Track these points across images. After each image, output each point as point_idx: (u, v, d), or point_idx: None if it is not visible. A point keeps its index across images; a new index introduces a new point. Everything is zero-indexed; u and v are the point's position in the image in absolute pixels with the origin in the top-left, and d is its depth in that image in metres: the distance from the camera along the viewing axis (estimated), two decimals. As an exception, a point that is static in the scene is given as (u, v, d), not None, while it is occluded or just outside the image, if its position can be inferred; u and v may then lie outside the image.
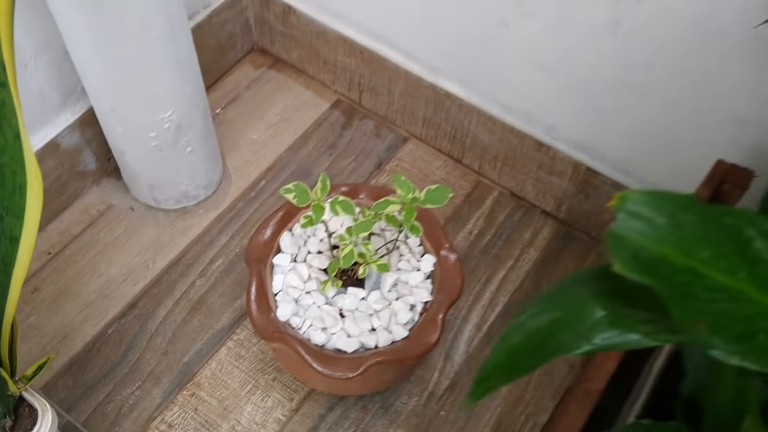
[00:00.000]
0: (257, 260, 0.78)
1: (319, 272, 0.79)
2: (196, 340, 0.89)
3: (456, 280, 0.78)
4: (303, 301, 0.77)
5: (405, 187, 0.71)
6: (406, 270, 0.80)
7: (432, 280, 0.80)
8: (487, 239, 0.98)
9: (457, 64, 0.94)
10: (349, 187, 0.84)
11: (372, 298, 0.78)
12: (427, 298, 0.78)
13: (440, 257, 0.80)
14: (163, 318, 0.91)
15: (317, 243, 0.82)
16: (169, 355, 0.88)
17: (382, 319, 0.76)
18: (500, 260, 0.97)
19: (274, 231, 0.81)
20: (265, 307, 0.76)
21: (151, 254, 0.96)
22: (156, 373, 0.87)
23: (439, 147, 1.05)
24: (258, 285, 0.77)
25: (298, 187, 0.72)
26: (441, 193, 0.70)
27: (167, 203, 0.97)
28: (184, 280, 0.94)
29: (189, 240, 0.97)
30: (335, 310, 0.77)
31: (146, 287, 0.93)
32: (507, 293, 0.94)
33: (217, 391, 0.86)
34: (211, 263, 0.95)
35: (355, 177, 1.03)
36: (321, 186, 0.72)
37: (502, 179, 1.02)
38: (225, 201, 1.00)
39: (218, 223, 0.98)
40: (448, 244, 0.80)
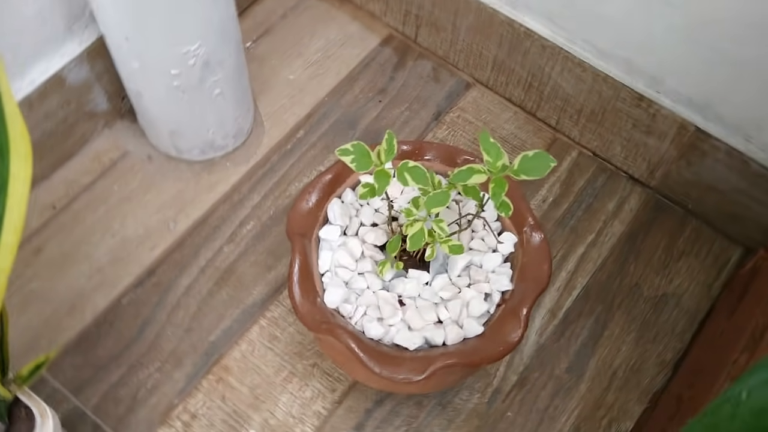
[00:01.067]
0: (301, 233, 0.65)
1: (373, 249, 0.65)
2: (224, 317, 0.76)
3: (542, 265, 0.64)
4: (355, 285, 0.64)
5: (494, 151, 0.56)
6: (480, 251, 0.66)
7: (512, 264, 0.66)
8: (564, 209, 0.84)
9: (542, -3, 0.77)
10: (412, 146, 0.69)
11: (438, 283, 0.64)
12: (506, 286, 0.64)
13: (522, 236, 0.66)
14: (186, 289, 0.78)
15: (371, 213, 0.67)
16: (192, 332, 0.76)
17: (451, 311, 0.63)
18: (579, 234, 0.83)
19: (321, 197, 0.67)
20: (311, 291, 0.62)
21: (171, 213, 0.82)
22: (178, 353, 0.74)
23: (510, 96, 0.89)
24: (302, 264, 0.63)
25: (357, 149, 0.57)
26: (540, 162, 0.56)
27: (190, 153, 0.83)
28: (210, 245, 0.80)
29: (216, 198, 0.83)
30: (393, 297, 0.63)
31: (166, 251, 0.80)
32: (586, 274, 0.80)
33: (248, 377, 0.73)
34: (241, 226, 0.81)
35: (408, 130, 0.88)
36: (386, 147, 0.58)
37: (584, 138, 0.86)
38: (257, 153, 0.86)
39: (249, 180, 0.84)
40: (533, 219, 0.66)
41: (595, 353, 0.76)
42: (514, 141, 0.88)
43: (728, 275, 0.80)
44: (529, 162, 0.56)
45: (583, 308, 0.78)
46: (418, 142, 0.70)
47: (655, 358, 0.76)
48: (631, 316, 0.78)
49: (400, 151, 0.69)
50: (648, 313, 0.78)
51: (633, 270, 0.81)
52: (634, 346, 0.76)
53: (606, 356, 0.76)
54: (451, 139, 0.87)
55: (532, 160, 0.56)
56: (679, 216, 0.84)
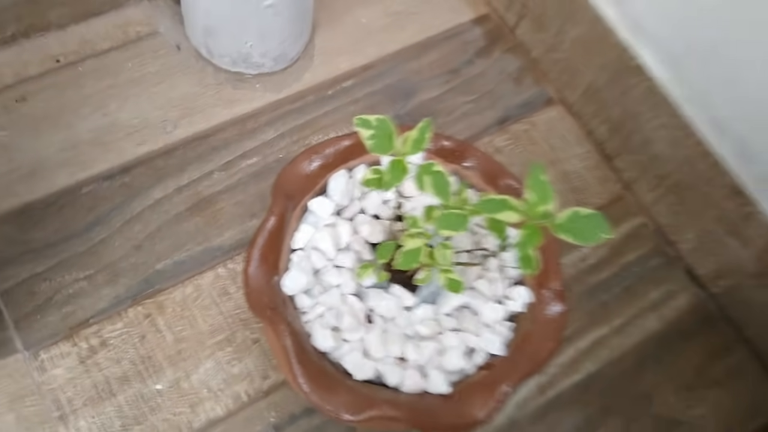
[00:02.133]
0: (288, 194, 0.53)
1: (362, 245, 0.54)
2: (181, 248, 0.66)
3: (547, 343, 0.52)
4: (325, 277, 0.53)
5: (541, 192, 0.44)
6: (482, 295, 0.54)
7: (515, 326, 0.54)
8: (602, 278, 0.71)
9: (677, 33, 0.64)
10: (455, 145, 0.57)
11: (420, 313, 0.53)
12: (497, 350, 0.52)
13: (539, 298, 0.53)
14: (155, 202, 0.68)
15: (378, 203, 0.56)
16: (141, 252, 0.65)
17: (421, 351, 0.51)
18: (607, 313, 0.70)
19: (328, 162, 0.55)
20: (271, 264, 0.51)
21: (175, 114, 0.72)
22: (116, 268, 0.65)
23: (591, 130, 0.76)
24: (274, 229, 0.52)
25: (381, 126, 0.45)
26: (592, 227, 0.43)
27: (222, 60, 0.72)
28: (200, 165, 0.70)
29: (228, 116, 0.72)
30: (363, 309, 0.52)
31: (152, 154, 0.69)
32: (597, 361, 0.68)
33: (179, 325, 0.63)
34: (242, 158, 0.71)
35: (465, 124, 0.76)
36: (416, 136, 0.46)
37: (655, 208, 0.73)
38: (292, 86, 0.75)
39: (272, 111, 0.73)
40: (559, 285, 0.54)
41: (570, 454, 0.64)
42: (576, 182, 0.75)
43: (762, 428, 0.67)
44: (579, 222, 0.43)
45: (578, 398, 0.66)
46: (464, 144, 0.58)
47: None
48: (627, 430, 0.66)
49: (438, 145, 0.57)
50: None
51: (651, 378, 0.68)
52: (616, 464, 0.64)
53: (581, 462, 0.64)
54: (507, 153, 0.75)
55: (583, 221, 0.43)
56: (729, 338, 0.70)
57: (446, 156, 0.57)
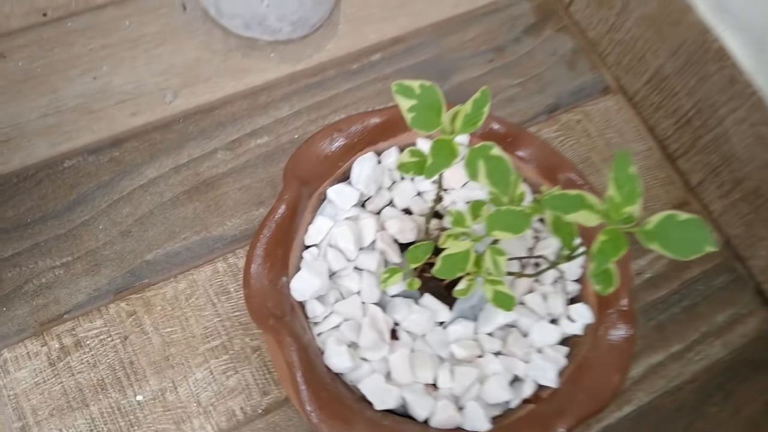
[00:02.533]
0: (303, 179, 0.44)
1: (390, 244, 0.45)
2: (176, 236, 0.57)
3: (611, 375, 0.42)
4: (343, 281, 0.43)
5: (628, 187, 0.34)
6: (533, 312, 0.44)
7: (570, 352, 0.44)
8: (661, 295, 0.61)
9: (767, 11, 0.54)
10: (507, 129, 0.48)
11: (457, 330, 0.43)
12: (549, 381, 0.42)
13: (602, 319, 0.44)
14: (149, 182, 0.58)
15: (411, 194, 0.46)
16: (129, 239, 0.56)
17: (457, 378, 0.42)
18: (664, 336, 0.60)
19: (353, 143, 0.46)
20: (279, 262, 0.42)
21: (176, 82, 0.62)
22: (99, 256, 0.55)
23: (654, 125, 0.66)
24: (284, 220, 0.42)
25: (426, 94, 0.36)
26: (693, 236, 0.33)
27: (232, 22, 0.63)
28: (202, 142, 0.60)
29: (238, 88, 0.63)
30: (387, 322, 0.43)
31: (147, 126, 0.60)
32: (651, 391, 0.58)
33: (168, 326, 0.54)
34: (251, 137, 0.61)
35: (509, 110, 0.66)
36: (471, 111, 0.36)
37: (725, 218, 0.63)
38: (313, 57, 0.65)
39: (288, 84, 0.64)
40: (628, 304, 0.44)
41: (618, 500, 0.54)
42: (634, 183, 0.65)
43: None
44: (675, 230, 0.34)
45: None
46: (518, 128, 0.48)
47: None
48: (685, 474, 0.56)
49: (487, 128, 0.47)
50: (709, 480, 0.56)
51: (714, 414, 0.58)
52: None
53: None
54: (557, 147, 0.65)
55: (680, 228, 0.34)
56: (805, 373, 0.61)
57: (497, 141, 0.47)
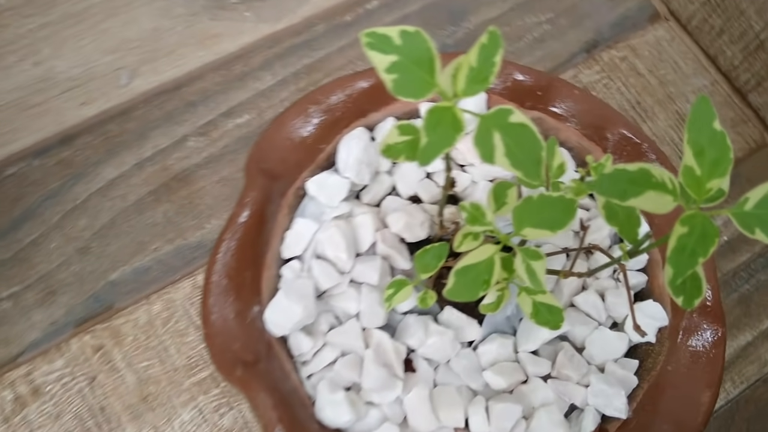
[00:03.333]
0: (271, 173, 0.33)
1: (397, 246, 0.34)
2: (145, 248, 0.47)
3: (701, 393, 0.32)
4: (336, 302, 0.33)
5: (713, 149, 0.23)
6: (588, 317, 0.33)
7: (641, 365, 0.33)
8: (742, 261, 0.50)
9: None
10: (536, 79, 0.36)
11: (491, 350, 0.33)
12: (618, 410, 0.32)
13: (681, 321, 0.33)
14: (107, 184, 0.48)
15: (417, 177, 0.36)
16: (89, 256, 0.47)
17: (496, 418, 0.31)
18: (751, 311, 0.49)
19: (334, 119, 0.35)
20: (247, 287, 0.32)
21: (133, 59, 0.52)
22: (54, 281, 0.46)
23: (716, 54, 0.54)
24: (250, 228, 0.32)
25: (410, 43, 0.25)
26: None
27: (191, -22, 0.52)
28: (169, 129, 0.50)
29: (208, 59, 0.52)
30: (399, 351, 0.32)
31: (101, 116, 0.50)
32: (742, 380, 0.47)
33: (144, 359, 0.45)
34: (228, 116, 0.51)
35: (540, 54, 0.54)
36: (478, 60, 0.25)
37: (821, 160, 0.51)
38: (296, 12, 0.54)
39: (269, 48, 0.53)
40: (714, 297, 0.33)
41: None
42: (698, 127, 0.53)
43: None
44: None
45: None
46: (549, 77, 0.36)
47: None
48: (793, 484, 0.45)
49: (509, 81, 0.36)
50: (824, 490, 0.45)
51: (823, 407, 0.47)
52: None
53: None
54: (600, 93, 0.53)
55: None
56: None
57: (522, 98, 0.36)
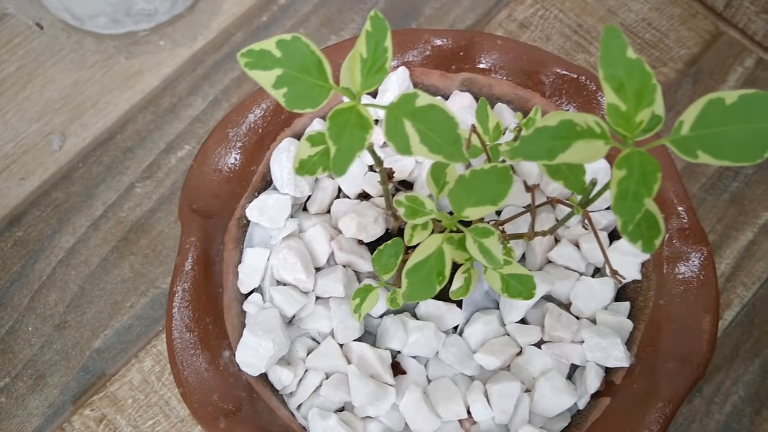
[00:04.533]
0: (206, 211, 0.32)
1: (356, 250, 0.32)
2: (121, 307, 0.46)
3: (702, 321, 0.30)
4: (307, 323, 0.32)
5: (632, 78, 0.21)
6: (568, 270, 0.32)
7: (633, 306, 0.32)
8: (725, 161, 0.48)
9: None
10: (456, 39, 0.34)
11: (477, 331, 0.31)
12: (618, 360, 0.30)
13: (662, 251, 0.31)
14: (67, 253, 0.47)
15: (362, 173, 0.34)
16: (68, 330, 0.45)
17: (496, 400, 0.30)
18: (746, 208, 0.47)
19: (258, 137, 0.33)
20: (211, 335, 0.30)
21: (60, 121, 0.50)
22: (41, 364, 0.45)
23: (648, -48, 0.51)
24: (198, 275, 0.31)
25: (292, 52, 0.23)
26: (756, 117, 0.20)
27: (95, 23, 0.50)
28: (114, 181, 0.48)
29: (135, 99, 0.50)
30: (383, 358, 0.31)
31: (44, 186, 0.49)
32: (753, 281, 0.45)
33: (149, 418, 0.44)
34: (168, 151, 0.49)
35: (467, 4, 0.52)
36: (368, 50, 0.23)
37: (778, 36, 0.49)
38: (211, 27, 0.52)
39: (192, 71, 0.51)
40: (689, 217, 0.31)
41: (757, 430, 0.43)
42: (646, 34, 0.51)
43: None
44: (726, 119, 0.21)
45: (741, 344, 0.44)
46: (469, 33, 0.34)
47: None
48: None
49: (429, 49, 0.34)
50: None
51: (839, 284, 0.45)
52: (827, 427, 0.43)
53: (774, 441, 0.43)
54: (537, 28, 0.51)
55: (734, 114, 0.21)
56: None
57: (446, 63, 0.34)
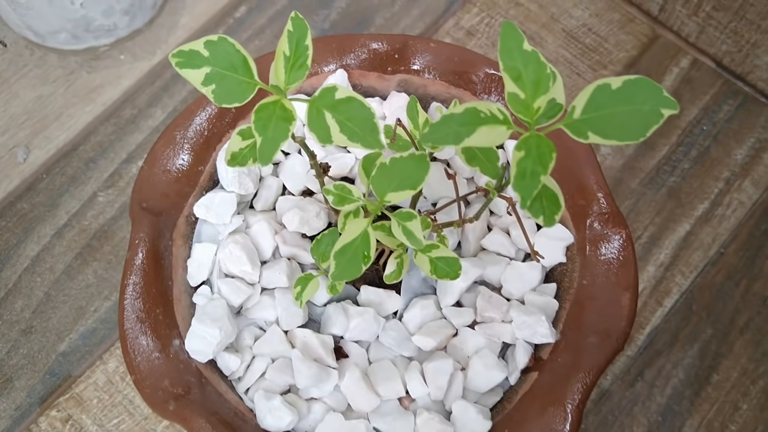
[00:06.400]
0: (155, 209, 0.34)
1: (299, 243, 0.34)
2: (85, 312, 0.47)
3: (620, 296, 0.32)
4: (253, 313, 0.34)
5: (529, 69, 0.23)
6: (499, 255, 0.34)
7: (559, 287, 0.34)
8: (662, 156, 0.50)
9: None
10: (391, 43, 0.37)
11: (415, 315, 0.33)
12: (544, 336, 0.32)
13: (585, 234, 0.33)
14: (32, 262, 0.49)
15: (305, 170, 0.36)
16: (34, 335, 0.47)
17: (432, 377, 0.32)
18: (683, 201, 0.49)
19: (205, 138, 0.35)
20: (161, 324, 0.32)
21: (24, 135, 0.52)
22: (6, 368, 0.46)
23: (584, -40, 0.54)
24: (148, 269, 0.32)
25: (217, 51, 0.25)
26: (638, 99, 0.22)
27: (56, 39, 0.52)
28: (77, 191, 0.50)
29: (96, 112, 0.52)
30: (326, 343, 0.33)
31: (9, 197, 0.50)
32: (691, 270, 0.48)
33: (113, 416, 0.45)
34: (130, 161, 0.51)
35: (417, 12, 0.55)
36: (290, 49, 0.25)
37: (704, 36, 0.51)
38: (169, 41, 0.54)
39: (151, 84, 0.53)
40: (608, 203, 0.33)
41: (695, 411, 0.45)
42: (587, 39, 0.54)
43: None
44: (612, 101, 0.23)
45: (680, 330, 0.47)
46: (402, 37, 0.37)
47: None
48: (761, 350, 0.46)
49: (365, 53, 0.36)
50: (792, 348, 0.46)
51: (771, 269, 0.48)
52: (763, 404, 0.45)
53: (713, 418, 0.45)
54: (484, 34, 0.54)
55: (619, 97, 0.23)
56: None
57: (383, 65, 0.36)
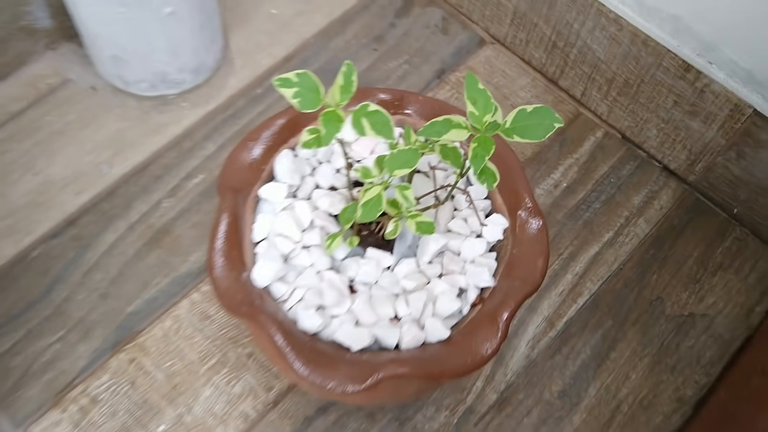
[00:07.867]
0: (234, 188, 0.51)
1: (326, 219, 0.52)
2: (149, 284, 0.63)
3: (536, 260, 0.50)
4: (296, 261, 0.50)
5: (482, 101, 0.42)
6: (460, 234, 0.51)
7: (498, 255, 0.51)
8: (580, 198, 0.69)
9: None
10: (392, 95, 0.55)
11: (402, 269, 0.50)
12: (486, 282, 0.49)
13: (516, 221, 0.51)
14: (110, 246, 0.65)
15: (331, 174, 0.53)
16: (109, 299, 0.62)
17: (412, 305, 0.49)
18: (594, 230, 0.68)
19: (269, 147, 0.53)
20: (237, 262, 0.49)
21: (108, 154, 0.69)
22: (87, 322, 0.61)
23: (530, 58, 0.75)
24: (230, 226, 0.49)
25: (303, 80, 0.43)
26: (541, 119, 0.41)
27: (138, 87, 0.70)
28: (146, 197, 0.67)
29: (163, 142, 0.70)
30: (343, 281, 0.50)
31: (94, 199, 0.67)
32: (598, 279, 0.65)
33: (167, 361, 0.60)
34: (187, 179, 0.68)
35: (404, 86, 0.74)
36: (342, 83, 0.43)
37: (613, 115, 0.71)
38: (220, 95, 0.72)
39: (205, 125, 0.71)
40: (531, 201, 0.51)
41: (597, 378, 0.62)
42: (529, 112, 0.73)
43: (774, 299, 0.65)
44: (527, 119, 0.41)
45: (589, 320, 0.64)
46: (400, 92, 0.55)
47: (672, 392, 0.61)
48: (647, 338, 0.63)
49: (376, 98, 0.55)
50: (669, 336, 0.63)
51: (656, 281, 0.66)
52: (646, 375, 0.62)
53: (610, 383, 0.61)
54: (454, 104, 0.73)
55: (531, 116, 0.41)
56: (721, 221, 0.69)
57: (387, 108, 0.54)
